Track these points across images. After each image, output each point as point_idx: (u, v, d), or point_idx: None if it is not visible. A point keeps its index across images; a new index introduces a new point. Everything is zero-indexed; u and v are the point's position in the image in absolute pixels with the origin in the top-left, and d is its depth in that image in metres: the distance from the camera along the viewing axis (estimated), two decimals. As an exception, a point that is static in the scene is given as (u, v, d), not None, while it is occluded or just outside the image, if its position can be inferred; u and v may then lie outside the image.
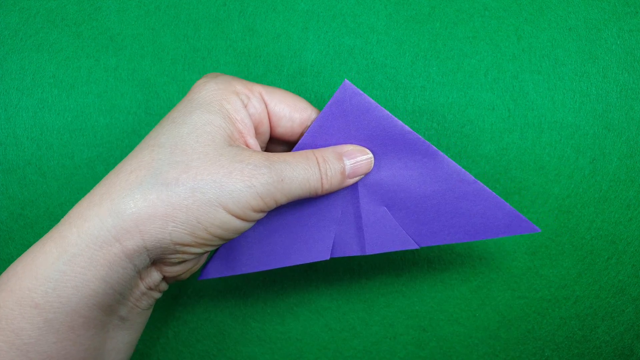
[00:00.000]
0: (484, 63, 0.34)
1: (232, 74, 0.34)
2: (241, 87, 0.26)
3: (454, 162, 0.28)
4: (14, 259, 0.34)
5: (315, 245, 0.29)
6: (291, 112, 0.27)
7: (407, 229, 0.29)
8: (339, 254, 0.29)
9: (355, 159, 0.27)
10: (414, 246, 0.29)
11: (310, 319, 0.35)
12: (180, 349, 0.35)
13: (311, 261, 0.29)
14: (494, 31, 0.35)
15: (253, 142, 0.26)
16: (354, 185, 0.29)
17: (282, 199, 0.25)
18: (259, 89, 0.27)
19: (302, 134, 0.28)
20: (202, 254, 0.25)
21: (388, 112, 0.27)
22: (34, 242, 0.34)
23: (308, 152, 0.26)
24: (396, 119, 0.27)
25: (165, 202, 0.22)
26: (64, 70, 0.35)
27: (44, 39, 0.35)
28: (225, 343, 0.35)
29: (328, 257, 0.29)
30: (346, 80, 0.27)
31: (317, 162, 0.26)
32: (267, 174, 0.23)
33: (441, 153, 0.28)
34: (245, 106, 0.26)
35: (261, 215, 0.25)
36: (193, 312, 0.35)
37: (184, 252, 0.24)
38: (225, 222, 0.23)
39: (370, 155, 0.28)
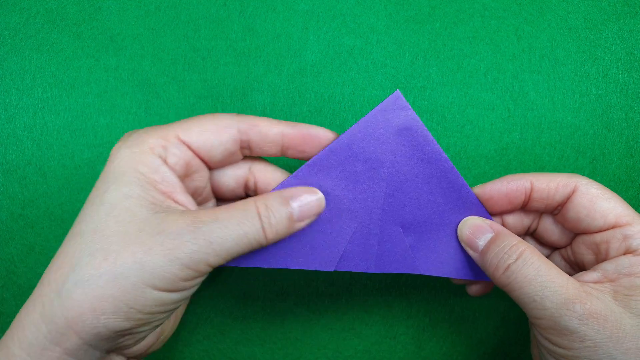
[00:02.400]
0: (484, 63, 0.34)
1: (232, 74, 0.35)
2: (155, 139, 0.24)
3: (478, 200, 0.27)
4: (15, 259, 0.34)
5: (322, 253, 0.28)
6: (217, 136, 0.25)
7: (416, 254, 0.28)
8: (345, 267, 0.28)
9: (303, 201, 0.25)
10: (420, 272, 0.29)
11: (310, 319, 0.35)
12: (180, 348, 0.35)
13: (315, 269, 0.28)
14: (494, 31, 0.35)
15: (182, 198, 0.24)
16: (377, 201, 0.28)
17: (217, 260, 0.23)
18: (174, 131, 0.24)
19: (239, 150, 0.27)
20: (154, 329, 0.24)
21: (430, 135, 0.27)
22: (34, 241, 0.34)
23: (248, 202, 0.24)
24: (436, 143, 0.27)
25: (90, 297, 0.21)
26: (64, 70, 0.35)
27: (44, 39, 0.35)
28: (225, 343, 0.35)
29: (332, 269, 0.28)
30: (397, 91, 0.26)
31: (258, 212, 0.24)
32: (190, 242, 0.22)
33: (469, 188, 0.27)
34: (165, 160, 0.24)
35: (198, 280, 0.23)
36: (193, 312, 0.35)
37: (131, 335, 0.23)
38: (158, 299, 0.22)
39: (320, 195, 0.26)
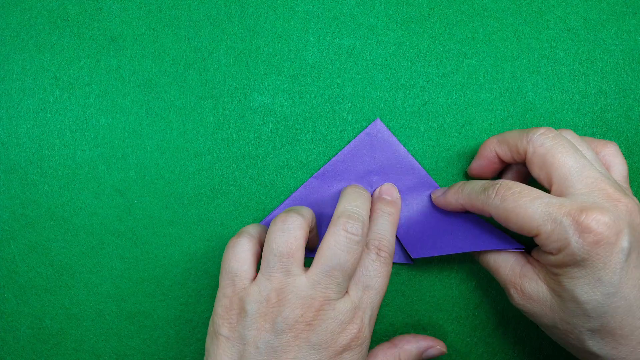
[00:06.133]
0: (483, 64, 0.35)
1: (232, 75, 0.35)
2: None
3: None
4: (16, 259, 0.34)
5: None
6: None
7: (405, 243, 0.33)
8: None
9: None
10: (409, 262, 0.34)
11: (310, 318, 0.35)
12: (181, 348, 0.35)
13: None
14: (493, 32, 0.35)
15: None
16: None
17: None
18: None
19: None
20: None
21: (405, 150, 0.34)
22: (36, 241, 0.34)
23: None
24: (411, 156, 0.34)
25: None
26: (65, 71, 0.35)
27: (45, 39, 0.35)
28: (225, 342, 0.35)
29: None
30: (378, 119, 0.34)
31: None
32: None
33: (436, 184, 0.34)
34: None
35: None
36: (194, 312, 0.35)
37: None
38: None
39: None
